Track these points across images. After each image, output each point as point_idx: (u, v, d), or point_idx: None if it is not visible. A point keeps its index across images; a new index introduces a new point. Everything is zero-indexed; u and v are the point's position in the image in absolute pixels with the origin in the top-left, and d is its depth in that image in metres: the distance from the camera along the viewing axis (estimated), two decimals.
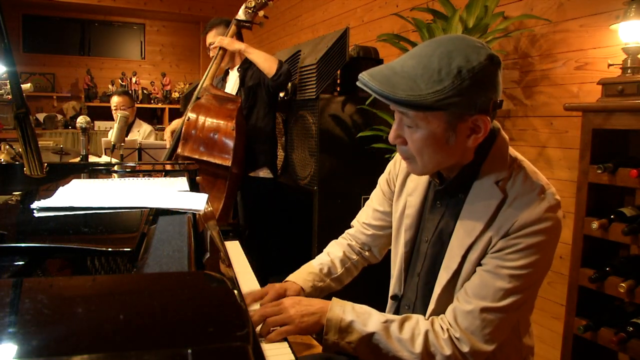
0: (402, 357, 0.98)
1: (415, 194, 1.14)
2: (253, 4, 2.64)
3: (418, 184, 1.14)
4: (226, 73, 2.98)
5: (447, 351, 0.97)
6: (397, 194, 1.20)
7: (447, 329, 0.99)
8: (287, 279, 1.24)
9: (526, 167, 1.02)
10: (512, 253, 0.95)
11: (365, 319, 1.01)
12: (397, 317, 1.03)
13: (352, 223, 1.37)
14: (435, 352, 0.97)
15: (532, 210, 0.94)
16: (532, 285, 0.98)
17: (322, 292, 1.26)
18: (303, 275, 1.25)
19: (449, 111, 0.91)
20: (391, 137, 1.01)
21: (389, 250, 1.26)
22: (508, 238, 0.95)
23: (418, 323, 1.01)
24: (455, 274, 1.02)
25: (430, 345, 0.98)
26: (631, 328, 1.57)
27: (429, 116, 0.93)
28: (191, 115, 2.50)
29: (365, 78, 0.92)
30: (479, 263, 1.00)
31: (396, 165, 1.24)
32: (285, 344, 1.01)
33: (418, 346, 0.98)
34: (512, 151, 1.05)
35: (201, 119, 2.49)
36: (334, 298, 1.07)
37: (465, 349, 0.96)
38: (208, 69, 2.72)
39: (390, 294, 1.21)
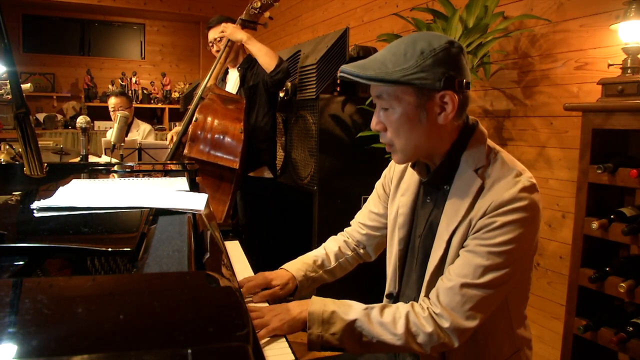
0: (385, 340, 1.01)
1: (407, 194, 1.19)
2: (259, 5, 2.62)
3: (409, 184, 1.19)
4: (226, 72, 2.97)
5: (429, 328, 0.99)
6: (391, 196, 1.25)
7: (427, 307, 1.02)
8: (281, 267, 1.29)
9: (503, 155, 1.08)
10: (489, 231, 0.99)
11: (346, 309, 1.05)
12: (377, 305, 1.06)
13: (351, 222, 1.42)
14: (417, 332, 1.00)
15: (507, 191, 0.99)
16: (512, 263, 1.00)
17: (315, 282, 1.31)
18: (297, 264, 1.30)
19: (416, 88, 0.99)
20: (372, 124, 1.09)
21: (384, 250, 1.30)
22: (485, 218, 1.00)
23: (398, 307, 1.05)
24: (442, 260, 1.06)
25: (411, 325, 1.01)
26: (631, 328, 1.57)
27: (399, 93, 1.01)
28: (198, 116, 2.45)
29: (343, 67, 1.04)
30: (462, 246, 1.03)
31: (391, 169, 1.29)
32: (285, 344, 1.01)
33: (400, 327, 1.01)
34: (491, 142, 1.10)
35: (209, 120, 2.45)
36: (313, 296, 1.10)
37: (445, 324, 0.99)
38: (212, 68, 2.70)
39: (385, 292, 1.24)
